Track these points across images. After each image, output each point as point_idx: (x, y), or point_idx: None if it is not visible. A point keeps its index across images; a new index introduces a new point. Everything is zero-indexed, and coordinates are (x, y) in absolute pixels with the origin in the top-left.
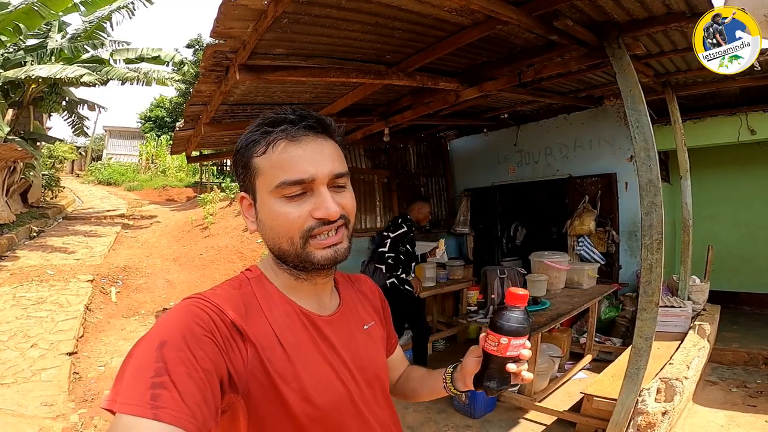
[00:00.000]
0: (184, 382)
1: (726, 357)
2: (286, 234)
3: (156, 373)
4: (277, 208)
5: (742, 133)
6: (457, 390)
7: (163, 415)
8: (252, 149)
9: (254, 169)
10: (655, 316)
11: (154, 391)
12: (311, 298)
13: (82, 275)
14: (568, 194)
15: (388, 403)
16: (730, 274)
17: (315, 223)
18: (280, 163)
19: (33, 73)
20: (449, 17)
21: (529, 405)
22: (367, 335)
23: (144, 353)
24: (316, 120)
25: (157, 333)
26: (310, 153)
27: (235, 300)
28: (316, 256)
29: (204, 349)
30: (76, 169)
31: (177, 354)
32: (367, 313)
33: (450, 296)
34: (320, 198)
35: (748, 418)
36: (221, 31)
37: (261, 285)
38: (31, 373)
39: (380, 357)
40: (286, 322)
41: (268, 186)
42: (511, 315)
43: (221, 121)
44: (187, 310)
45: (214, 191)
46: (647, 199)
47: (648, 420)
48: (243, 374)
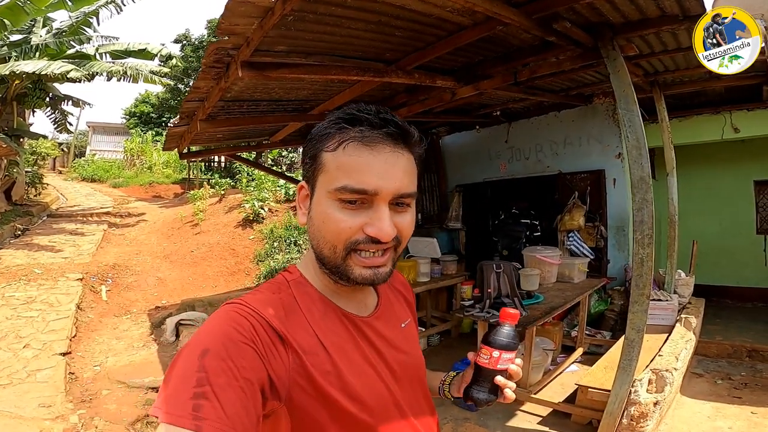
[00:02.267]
0: (225, 393)
1: (710, 349)
2: (331, 240)
3: (198, 383)
4: (330, 211)
5: (726, 131)
6: (452, 395)
7: (205, 426)
8: (324, 141)
9: (320, 163)
10: (647, 308)
11: (196, 402)
12: (351, 299)
13: (71, 274)
14: (558, 190)
15: (429, 403)
16: (712, 267)
17: (363, 238)
18: (347, 165)
19: (17, 69)
20: (451, 17)
21: (525, 397)
22: (405, 333)
23: (187, 362)
24: (399, 128)
25: (200, 341)
26: (381, 163)
27: (275, 304)
28: (354, 272)
29: (245, 358)
30: (59, 166)
31: (218, 363)
32: (403, 310)
33: (443, 291)
34: (377, 214)
35: (733, 409)
36: (226, 28)
37: (300, 287)
38: (27, 374)
39: (419, 355)
40: (328, 325)
41: (328, 185)
42: (503, 331)
43: (216, 117)
44: (227, 317)
45: (204, 187)
46: (639, 195)
47: (641, 410)
48: (285, 381)
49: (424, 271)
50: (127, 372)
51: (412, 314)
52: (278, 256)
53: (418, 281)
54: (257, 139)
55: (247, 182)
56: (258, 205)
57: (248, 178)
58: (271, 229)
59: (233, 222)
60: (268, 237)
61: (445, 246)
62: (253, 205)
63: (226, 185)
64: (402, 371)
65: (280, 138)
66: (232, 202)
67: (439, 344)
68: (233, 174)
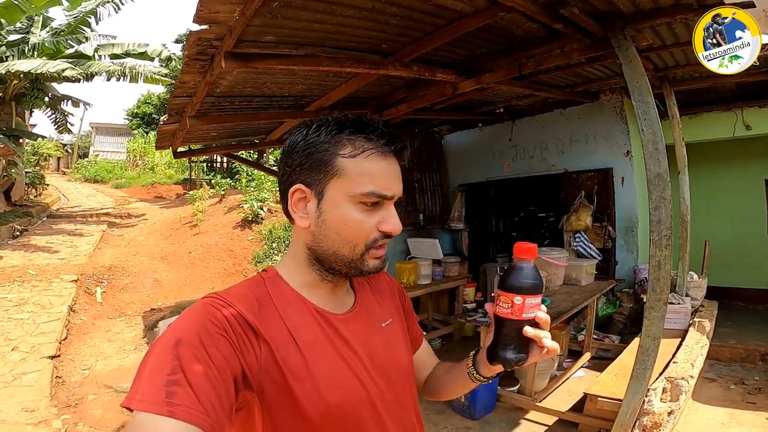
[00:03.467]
0: (198, 380)
1: (723, 353)
2: (353, 240)
3: (172, 371)
4: (353, 215)
5: (737, 128)
6: (482, 375)
7: (178, 412)
8: (336, 147)
9: (336, 168)
10: (663, 314)
11: (170, 389)
12: (327, 296)
13: (65, 275)
14: (564, 189)
15: (414, 403)
16: (724, 269)
17: (380, 236)
18: (371, 172)
19: (14, 68)
20: (450, 3)
21: (529, 405)
22: (386, 333)
23: (161, 351)
24: (402, 145)
25: (174, 331)
26: (394, 172)
27: (249, 298)
28: (369, 264)
29: (218, 347)
30: (63, 167)
31: (192, 352)
32: (385, 310)
33: (445, 293)
34: (389, 213)
35: (748, 415)
36: (205, 16)
37: (276, 285)
38: (12, 378)
39: (402, 356)
40: (300, 320)
41: (350, 190)
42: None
43: (207, 114)
44: (203, 309)
45: (204, 188)
46: (656, 193)
47: (654, 420)
48: (257, 371)
49: (425, 272)
50: (115, 376)
51: (399, 314)
52: (277, 257)
53: (419, 283)
54: (254, 138)
55: (247, 182)
56: (257, 206)
57: (248, 178)
58: (270, 230)
59: (232, 223)
60: (267, 238)
61: (448, 247)
62: (252, 205)
63: (226, 185)
64: (378, 370)
65: (277, 136)
66: (232, 202)
67: (441, 348)
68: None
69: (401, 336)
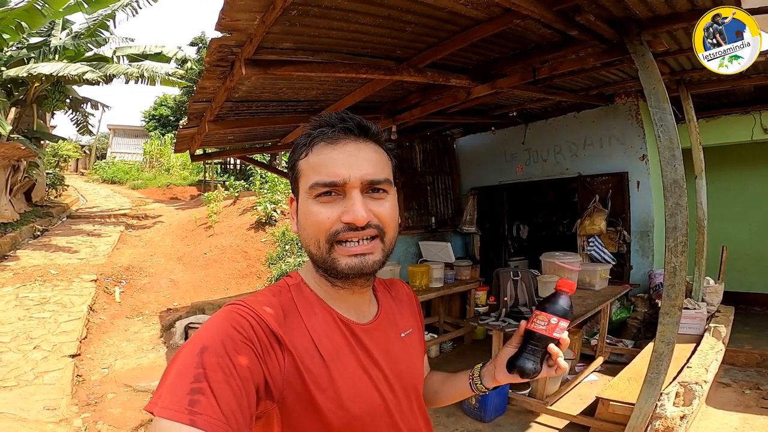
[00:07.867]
0: (221, 390)
1: (738, 358)
2: (314, 236)
3: (195, 379)
4: (309, 208)
5: (755, 131)
6: (485, 387)
7: (200, 421)
8: (298, 152)
9: (297, 171)
10: (678, 320)
11: (192, 397)
12: (350, 305)
13: (85, 275)
14: (578, 193)
15: (423, 412)
16: (740, 274)
17: (342, 227)
18: (316, 164)
19: (35, 71)
20: (465, 11)
21: (540, 408)
22: (405, 343)
23: (186, 358)
24: (355, 123)
25: (199, 339)
26: (344, 155)
27: (274, 307)
28: (340, 263)
29: (242, 356)
30: (81, 168)
31: (216, 360)
32: (405, 320)
33: (456, 297)
34: (350, 201)
35: (762, 420)
36: (227, 24)
37: (300, 292)
38: (34, 376)
39: (417, 365)
40: (324, 330)
41: (305, 187)
42: (562, 299)
43: (225, 118)
44: (228, 317)
45: (218, 189)
46: (672, 200)
47: (666, 424)
48: (279, 382)
49: (437, 276)
50: (134, 375)
51: (417, 325)
52: (290, 259)
53: (431, 286)
54: (267, 141)
55: (261, 184)
56: (270, 208)
57: (261, 180)
58: (283, 232)
59: (246, 224)
60: (280, 240)
61: (459, 250)
62: (266, 207)
63: (240, 187)
64: (397, 380)
65: (291, 140)
66: (245, 204)
67: (452, 351)
68: (248, 176)
69: (418, 347)
